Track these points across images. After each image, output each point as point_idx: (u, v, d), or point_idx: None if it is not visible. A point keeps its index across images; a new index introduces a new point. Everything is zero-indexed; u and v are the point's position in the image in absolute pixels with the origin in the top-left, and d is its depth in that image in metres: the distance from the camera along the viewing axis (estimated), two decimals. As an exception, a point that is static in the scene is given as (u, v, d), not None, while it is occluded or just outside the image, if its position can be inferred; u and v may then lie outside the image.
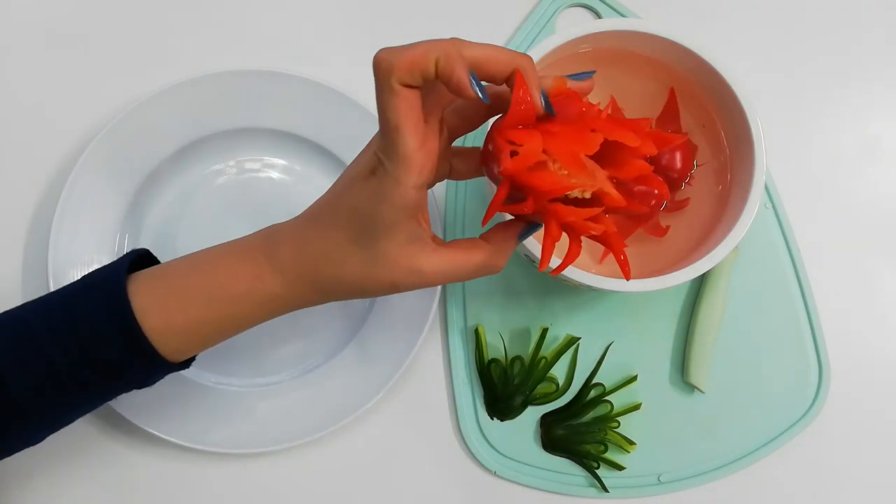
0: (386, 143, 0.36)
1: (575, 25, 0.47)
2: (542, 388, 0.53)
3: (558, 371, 0.53)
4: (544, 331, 0.52)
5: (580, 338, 0.53)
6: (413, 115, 0.35)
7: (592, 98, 0.50)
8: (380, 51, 0.35)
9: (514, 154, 0.35)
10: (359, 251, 0.38)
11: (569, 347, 0.53)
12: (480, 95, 0.34)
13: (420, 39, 0.59)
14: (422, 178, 0.36)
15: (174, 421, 0.51)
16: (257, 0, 0.57)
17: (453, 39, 0.35)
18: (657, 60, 0.49)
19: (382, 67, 0.35)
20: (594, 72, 0.38)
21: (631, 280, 0.44)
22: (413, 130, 0.35)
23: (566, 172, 0.35)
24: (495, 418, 0.52)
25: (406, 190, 0.36)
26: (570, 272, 0.44)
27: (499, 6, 0.57)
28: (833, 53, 0.58)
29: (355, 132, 0.53)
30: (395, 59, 0.34)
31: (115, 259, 0.42)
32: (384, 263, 0.38)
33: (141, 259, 0.42)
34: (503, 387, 0.52)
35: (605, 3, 0.56)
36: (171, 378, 0.52)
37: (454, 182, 0.55)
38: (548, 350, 0.53)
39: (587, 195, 0.36)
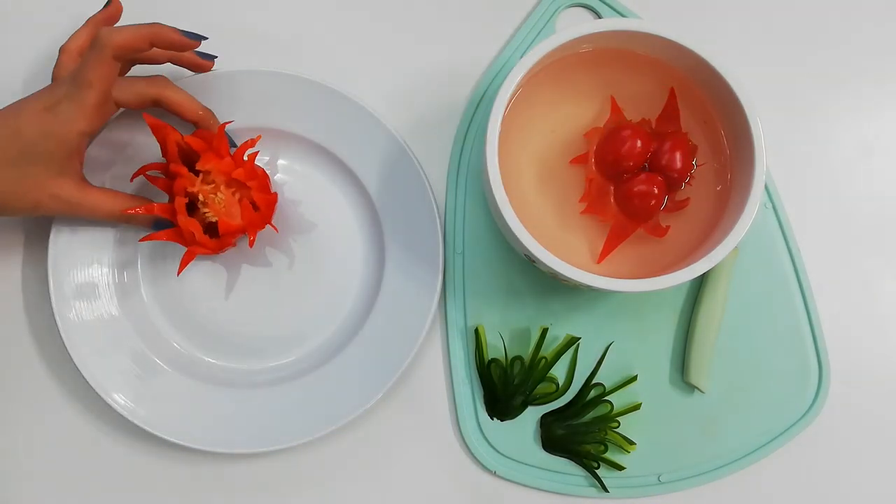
0: (75, 90, 0.45)
1: (575, 25, 0.46)
2: (542, 388, 0.53)
3: (558, 371, 0.53)
4: (544, 331, 0.53)
5: (580, 338, 0.53)
6: (108, 81, 0.45)
7: (591, 98, 0.50)
8: (104, 30, 0.44)
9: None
10: (9, 169, 0.45)
11: (569, 347, 0.53)
12: (197, 38, 0.47)
13: (419, 40, 0.59)
14: (90, 129, 0.46)
15: (174, 422, 0.51)
16: (258, 1, 0.57)
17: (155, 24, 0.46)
18: (657, 60, 0.49)
19: (101, 42, 0.44)
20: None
21: (631, 280, 0.45)
22: (102, 92, 0.45)
23: (211, 187, 0.49)
24: (495, 418, 0.53)
25: (74, 133, 0.45)
26: (571, 272, 0.44)
27: (499, 6, 0.57)
28: (833, 53, 0.58)
29: (355, 132, 0.53)
30: (114, 37, 0.44)
31: None
32: (32, 185, 0.46)
33: None
34: (503, 387, 0.52)
35: (605, 3, 0.56)
36: (171, 379, 0.52)
37: (454, 180, 0.55)
38: (548, 350, 0.53)
39: (214, 219, 0.49)
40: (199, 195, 0.48)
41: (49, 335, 0.53)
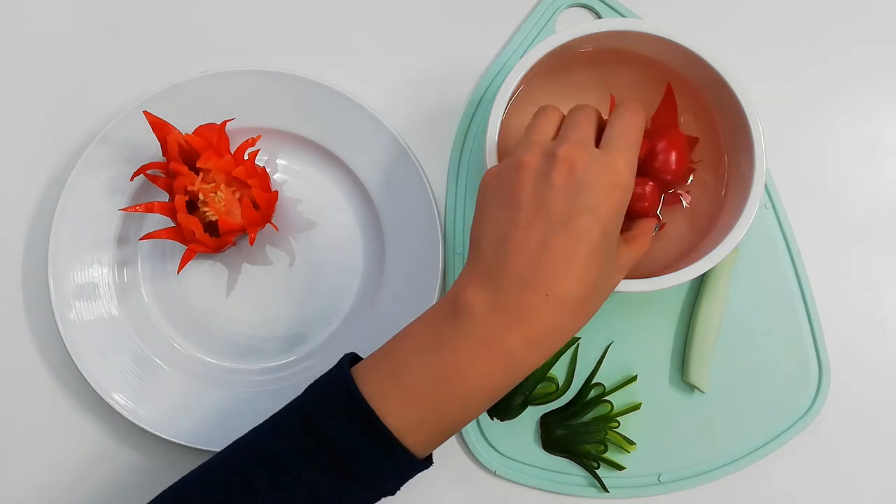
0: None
1: (575, 25, 0.47)
2: (541, 388, 0.53)
3: (558, 371, 0.53)
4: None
5: (580, 338, 0.53)
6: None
7: (591, 98, 0.50)
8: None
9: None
10: (604, 281, 0.40)
11: (569, 347, 0.53)
12: None
13: (419, 40, 0.59)
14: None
15: (174, 421, 0.51)
16: (258, 1, 0.57)
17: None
18: (657, 60, 0.49)
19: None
20: None
21: (631, 280, 0.45)
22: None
23: (210, 186, 0.49)
24: (495, 418, 0.52)
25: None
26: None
27: (499, 6, 0.57)
28: (833, 53, 0.58)
29: (355, 132, 0.53)
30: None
31: (334, 367, 0.41)
32: (619, 268, 0.42)
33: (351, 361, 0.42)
34: (503, 387, 0.52)
35: (605, 3, 0.56)
36: (171, 379, 0.52)
37: (454, 180, 0.55)
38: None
39: (214, 217, 0.49)
40: (199, 194, 0.48)
41: (49, 335, 0.53)
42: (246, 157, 0.50)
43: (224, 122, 0.50)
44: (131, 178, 0.50)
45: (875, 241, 0.56)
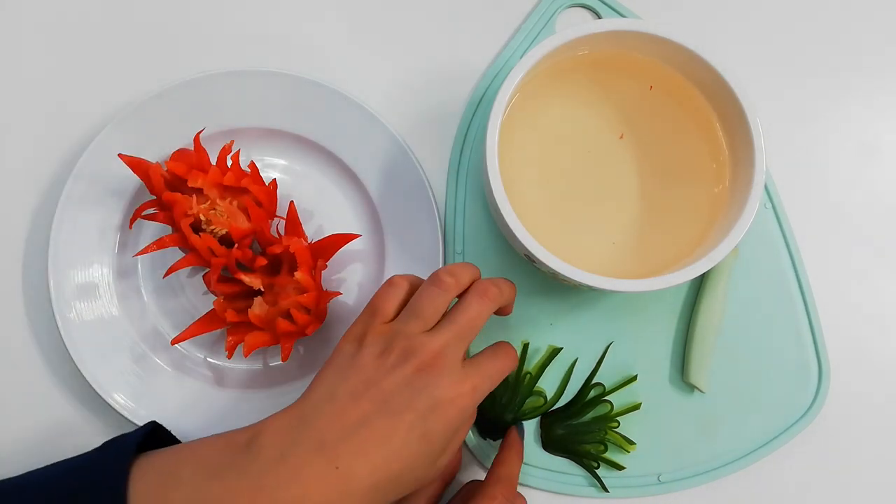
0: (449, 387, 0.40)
1: (574, 26, 0.47)
2: (530, 402, 0.53)
3: (546, 383, 0.53)
4: (525, 346, 0.52)
5: (562, 348, 0.53)
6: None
7: (591, 99, 0.50)
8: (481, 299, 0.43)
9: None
10: (404, 481, 0.39)
11: (552, 358, 0.52)
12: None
13: (419, 40, 0.59)
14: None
15: (174, 422, 0.51)
16: (258, 1, 0.57)
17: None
18: (656, 61, 0.49)
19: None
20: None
21: (631, 280, 0.45)
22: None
23: (206, 205, 0.48)
24: (488, 439, 0.52)
25: (442, 466, 0.42)
26: (570, 272, 0.44)
27: (499, 6, 0.57)
28: (834, 54, 0.58)
29: (355, 132, 0.53)
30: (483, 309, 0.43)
31: (116, 452, 0.40)
32: (433, 472, 0.41)
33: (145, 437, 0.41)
34: (491, 408, 0.52)
35: (604, 3, 0.56)
36: (171, 379, 0.52)
37: (454, 180, 0.55)
38: (531, 364, 0.53)
39: (223, 232, 0.48)
40: (199, 215, 0.48)
41: (49, 335, 0.53)
42: (230, 164, 0.50)
43: (197, 135, 0.49)
44: (130, 226, 0.51)
45: (875, 242, 0.56)
